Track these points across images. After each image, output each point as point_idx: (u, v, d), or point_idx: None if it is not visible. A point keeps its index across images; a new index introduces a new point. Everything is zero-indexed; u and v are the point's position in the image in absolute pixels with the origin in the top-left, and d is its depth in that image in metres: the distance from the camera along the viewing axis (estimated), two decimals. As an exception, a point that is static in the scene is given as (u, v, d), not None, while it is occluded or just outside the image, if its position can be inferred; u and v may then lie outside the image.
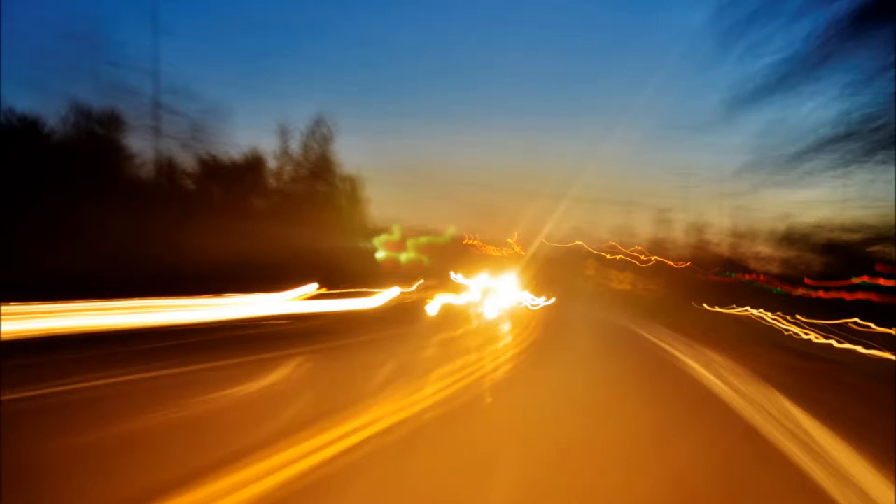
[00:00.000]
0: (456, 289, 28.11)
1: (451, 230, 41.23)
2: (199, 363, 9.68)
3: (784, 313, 22.22)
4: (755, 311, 25.27)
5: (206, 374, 9.11)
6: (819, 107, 19.66)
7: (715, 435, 7.09)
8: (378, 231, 34.20)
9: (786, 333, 20.26)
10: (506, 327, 19.62)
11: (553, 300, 31.85)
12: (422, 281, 28.35)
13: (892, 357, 13.51)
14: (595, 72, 79.02)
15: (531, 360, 12.27)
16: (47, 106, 20.69)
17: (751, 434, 6.96)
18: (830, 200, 23.86)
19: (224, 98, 33.80)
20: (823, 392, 10.44)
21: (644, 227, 56.74)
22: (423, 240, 36.89)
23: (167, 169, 23.90)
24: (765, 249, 34.98)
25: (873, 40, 16.02)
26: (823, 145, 19.49)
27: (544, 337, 17.25)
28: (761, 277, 31.44)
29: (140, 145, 22.93)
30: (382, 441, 5.94)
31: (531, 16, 73.07)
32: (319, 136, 30.65)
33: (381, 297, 22.43)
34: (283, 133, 29.65)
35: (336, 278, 21.70)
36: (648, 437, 6.78)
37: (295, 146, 30.18)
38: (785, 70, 19.24)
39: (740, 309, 27.15)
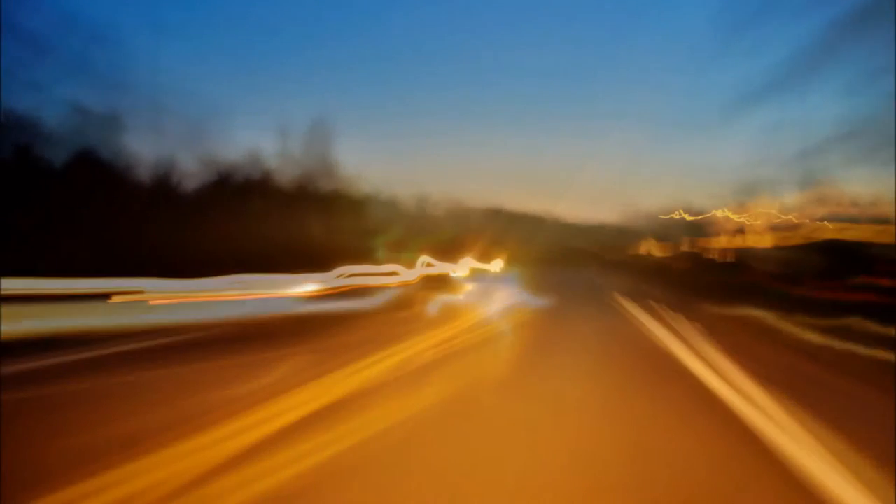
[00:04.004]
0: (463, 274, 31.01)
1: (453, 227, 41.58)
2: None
3: (784, 313, 22.20)
4: (755, 311, 25.25)
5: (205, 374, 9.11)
6: (819, 107, 19.71)
7: (715, 435, 7.09)
8: (378, 230, 34.32)
9: (785, 333, 20.24)
10: (504, 326, 19.56)
11: (547, 300, 31.83)
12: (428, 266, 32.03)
13: (893, 357, 13.51)
14: (595, 71, 79.21)
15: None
16: (47, 106, 20.77)
17: (751, 434, 6.95)
18: (830, 200, 23.90)
19: (224, 98, 33.90)
20: (823, 392, 10.44)
21: (644, 227, 56.83)
22: (425, 237, 37.35)
23: (167, 169, 23.94)
24: (764, 249, 35.02)
25: (873, 40, 16.05)
26: (825, 145, 19.52)
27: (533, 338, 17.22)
28: (761, 277, 31.46)
29: (140, 145, 23.00)
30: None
31: (531, 16, 73.36)
32: (319, 136, 30.72)
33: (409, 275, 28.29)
34: (283, 133, 29.72)
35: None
36: (649, 437, 6.78)
37: (295, 146, 30.26)
38: (785, 70, 19.29)
39: (740, 309, 27.13)
